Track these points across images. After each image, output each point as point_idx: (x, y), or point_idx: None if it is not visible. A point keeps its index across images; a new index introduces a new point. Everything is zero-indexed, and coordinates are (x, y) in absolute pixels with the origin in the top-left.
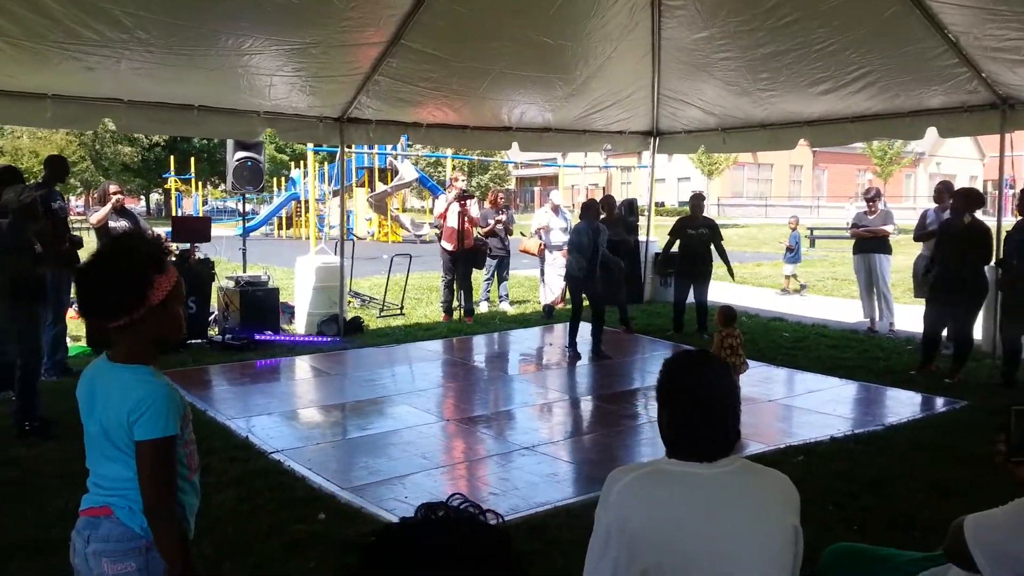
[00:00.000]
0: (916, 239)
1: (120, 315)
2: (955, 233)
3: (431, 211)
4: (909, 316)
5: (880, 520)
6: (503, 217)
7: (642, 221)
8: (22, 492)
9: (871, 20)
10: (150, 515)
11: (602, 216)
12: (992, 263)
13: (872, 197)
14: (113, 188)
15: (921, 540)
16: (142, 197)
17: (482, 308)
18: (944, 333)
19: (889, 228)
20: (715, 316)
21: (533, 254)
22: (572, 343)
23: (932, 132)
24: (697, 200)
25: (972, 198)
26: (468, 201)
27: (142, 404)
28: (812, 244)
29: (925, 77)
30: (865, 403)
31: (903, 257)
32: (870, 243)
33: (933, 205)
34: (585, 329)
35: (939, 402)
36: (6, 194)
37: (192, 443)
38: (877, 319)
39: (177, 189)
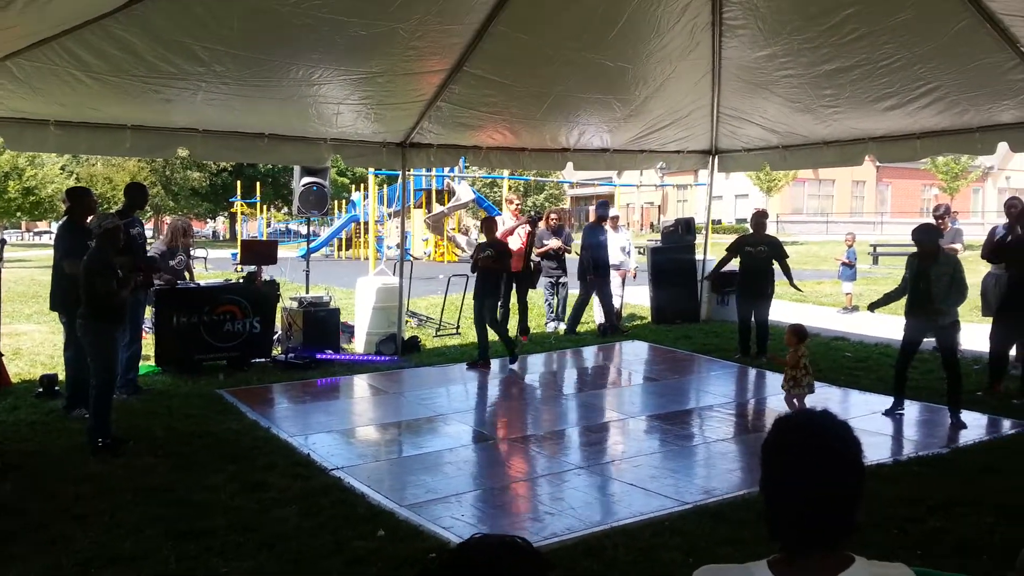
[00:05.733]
0: (984, 257)
1: None
2: None
3: (465, 230)
4: (976, 335)
5: (946, 545)
6: (554, 242)
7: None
8: (96, 507)
9: (939, 35)
10: None
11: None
12: None
13: (942, 215)
14: (184, 226)
15: (990, 566)
16: (209, 221)
17: (560, 328)
18: (1012, 353)
19: (957, 246)
20: (787, 334)
21: None
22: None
23: (1002, 146)
24: (760, 218)
25: None
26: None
27: None
28: (875, 261)
29: (996, 91)
30: (930, 424)
31: (971, 275)
32: None
33: (1003, 221)
34: None
35: (1007, 424)
36: (92, 221)
37: None
38: None
39: (243, 213)
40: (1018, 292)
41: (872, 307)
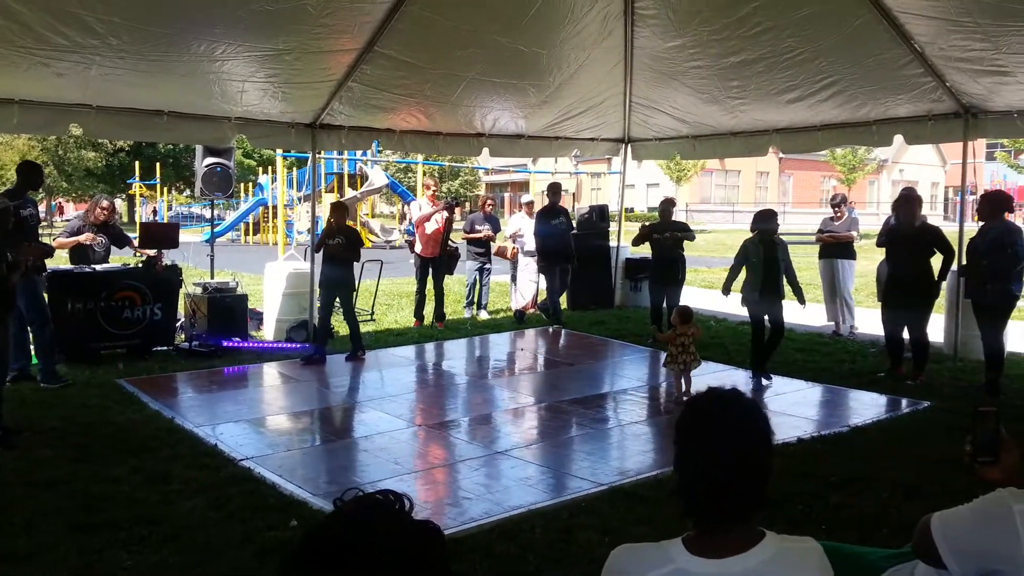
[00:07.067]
0: (879, 245)
1: None
2: (906, 236)
3: (402, 217)
4: (872, 320)
5: (847, 519)
6: (487, 229)
7: (612, 227)
8: None
9: (840, 30)
10: None
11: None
12: (954, 267)
13: (838, 203)
14: (104, 203)
15: (888, 538)
16: None
17: (482, 316)
18: (905, 336)
19: (853, 234)
20: (673, 315)
21: (506, 258)
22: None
23: (897, 140)
24: (666, 206)
25: (917, 201)
26: (456, 209)
27: None
28: None
29: (892, 86)
30: (831, 405)
31: (867, 262)
32: (834, 248)
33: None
34: None
35: (903, 403)
36: None
37: None
38: (841, 323)
39: (142, 195)
40: (897, 283)
41: (724, 291)
